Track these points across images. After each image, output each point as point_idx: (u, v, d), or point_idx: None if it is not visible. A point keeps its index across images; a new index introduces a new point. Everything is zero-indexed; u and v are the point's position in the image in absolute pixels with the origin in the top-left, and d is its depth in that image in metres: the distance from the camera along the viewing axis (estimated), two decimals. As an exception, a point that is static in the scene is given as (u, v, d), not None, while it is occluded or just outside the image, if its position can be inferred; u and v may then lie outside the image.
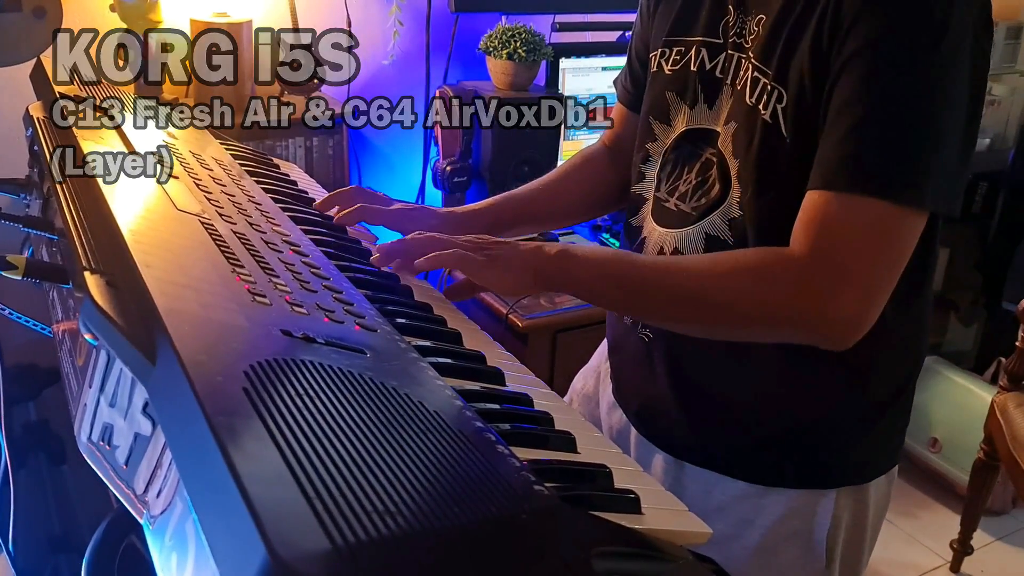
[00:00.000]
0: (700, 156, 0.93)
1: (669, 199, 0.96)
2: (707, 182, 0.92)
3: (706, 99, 0.93)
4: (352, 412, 0.59)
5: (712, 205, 0.91)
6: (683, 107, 0.96)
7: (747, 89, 0.87)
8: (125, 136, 1.09)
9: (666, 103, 0.98)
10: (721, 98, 0.92)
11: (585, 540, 0.57)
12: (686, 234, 0.93)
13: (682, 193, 0.95)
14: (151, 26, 1.74)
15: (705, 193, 0.92)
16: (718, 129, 0.91)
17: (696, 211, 0.92)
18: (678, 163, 0.96)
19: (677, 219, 0.95)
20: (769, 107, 0.84)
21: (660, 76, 0.99)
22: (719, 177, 0.91)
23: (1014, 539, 2.32)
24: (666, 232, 0.96)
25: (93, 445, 0.66)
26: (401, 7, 2.06)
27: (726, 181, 0.90)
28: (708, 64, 0.93)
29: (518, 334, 1.73)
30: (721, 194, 0.90)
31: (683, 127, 0.96)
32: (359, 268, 1.04)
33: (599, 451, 0.81)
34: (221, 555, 0.45)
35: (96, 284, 0.63)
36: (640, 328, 0.99)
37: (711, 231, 0.91)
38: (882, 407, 0.94)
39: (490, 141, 2.00)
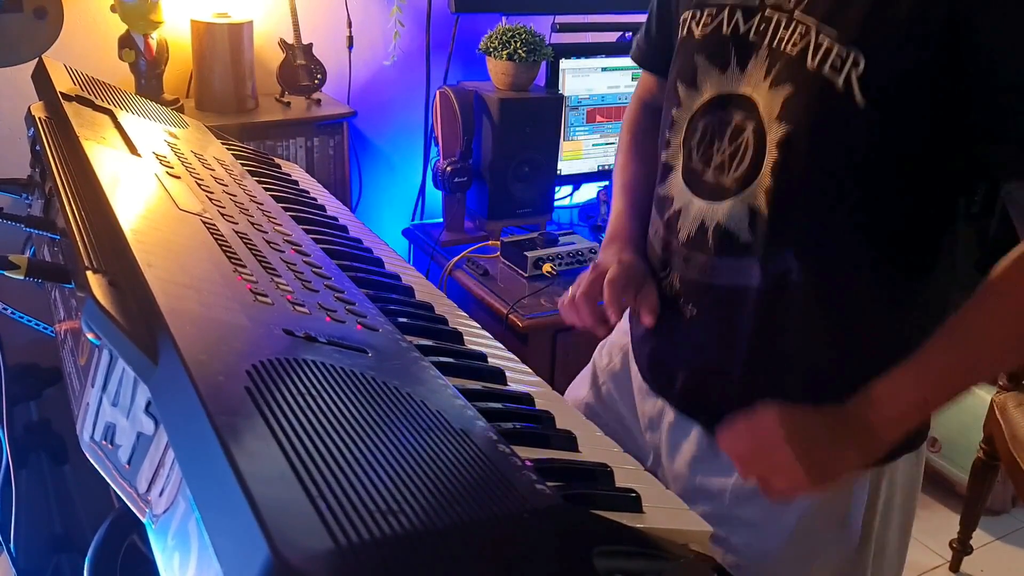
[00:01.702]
0: (731, 123, 0.90)
1: (706, 169, 0.93)
2: (740, 149, 0.89)
3: (739, 63, 0.89)
4: (354, 411, 0.59)
5: (751, 175, 0.88)
6: (713, 71, 0.92)
7: (808, 53, 0.83)
8: (127, 136, 1.09)
9: (694, 67, 0.94)
10: (755, 61, 0.88)
11: (586, 539, 0.57)
12: (728, 207, 0.90)
13: (719, 164, 0.91)
14: (152, 27, 1.74)
15: (740, 162, 0.89)
16: (750, 93, 0.88)
17: (736, 183, 0.89)
18: (708, 130, 0.93)
19: (717, 191, 0.91)
20: (842, 72, 0.80)
21: (690, 40, 0.95)
22: (753, 144, 0.88)
23: (1014, 539, 2.32)
24: (706, 205, 0.92)
25: (95, 444, 0.66)
26: (401, 8, 2.06)
27: (760, 148, 0.87)
28: (743, 27, 0.89)
29: (518, 334, 1.73)
30: (755, 162, 0.87)
31: (713, 92, 0.92)
32: (361, 267, 1.04)
33: (600, 450, 0.81)
34: (224, 554, 0.45)
35: (98, 284, 0.63)
36: (682, 302, 0.97)
37: (753, 203, 0.88)
38: None
39: (490, 141, 2.00)
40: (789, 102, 0.84)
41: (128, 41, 1.75)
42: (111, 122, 1.16)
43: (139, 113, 1.29)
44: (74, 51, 1.77)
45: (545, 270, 1.88)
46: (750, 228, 0.89)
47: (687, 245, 0.95)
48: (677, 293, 0.98)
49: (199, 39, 1.81)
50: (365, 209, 2.21)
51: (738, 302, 0.91)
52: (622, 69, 2.17)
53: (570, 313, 1.02)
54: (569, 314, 1.03)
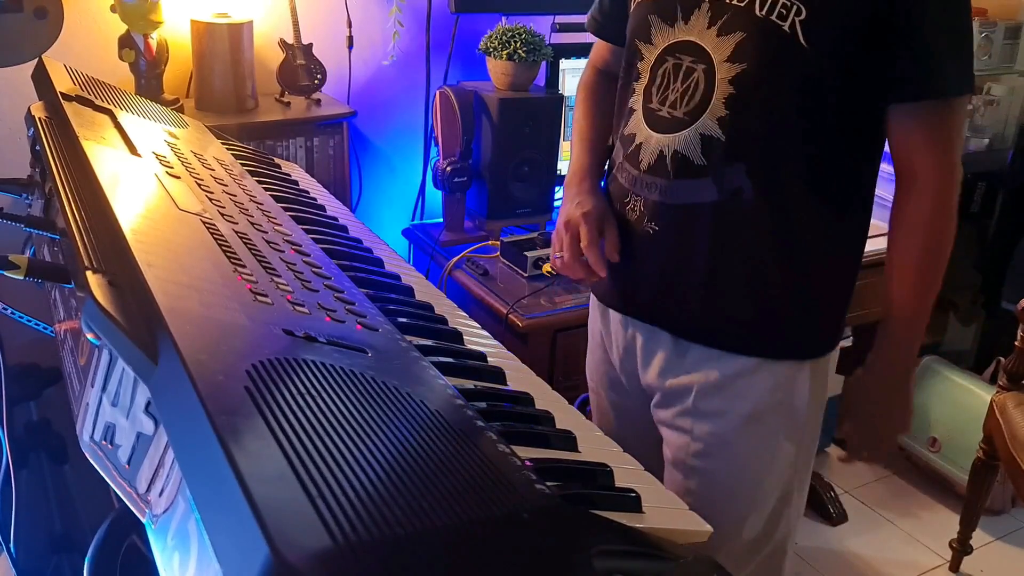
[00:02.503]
0: (681, 66, 1.06)
1: (662, 108, 1.08)
2: (691, 88, 1.05)
3: (683, 17, 1.06)
4: (354, 411, 0.59)
5: (700, 107, 1.04)
6: (663, 27, 1.08)
7: (755, 4, 0.99)
8: (126, 136, 1.09)
9: (648, 25, 1.10)
10: (697, 14, 1.04)
11: (586, 539, 0.57)
12: (683, 137, 1.05)
13: (672, 101, 1.07)
14: (152, 27, 1.74)
15: (691, 98, 1.05)
16: (697, 40, 1.04)
17: (688, 115, 1.05)
18: (664, 76, 1.08)
19: (672, 124, 1.07)
20: (788, 19, 0.98)
21: (643, 4, 1.12)
22: (703, 82, 1.04)
23: (1013, 539, 2.32)
24: (663, 137, 1.08)
25: (95, 444, 0.66)
26: (401, 8, 2.06)
27: (709, 85, 1.03)
28: None
29: (518, 334, 1.73)
30: (705, 97, 1.03)
31: (664, 43, 1.08)
32: (361, 267, 1.04)
33: (600, 450, 0.81)
34: (224, 554, 0.45)
35: (98, 284, 0.63)
36: (647, 222, 1.11)
37: (704, 131, 1.04)
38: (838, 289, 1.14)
39: (490, 141, 2.00)
40: (741, 45, 1.00)
41: (128, 41, 1.75)
42: (111, 122, 1.16)
43: (139, 113, 1.29)
44: (74, 51, 1.77)
45: (545, 270, 1.88)
46: (703, 153, 1.04)
47: (648, 172, 1.09)
48: (641, 215, 1.12)
49: (199, 39, 1.81)
50: (365, 209, 2.21)
51: (695, 218, 1.07)
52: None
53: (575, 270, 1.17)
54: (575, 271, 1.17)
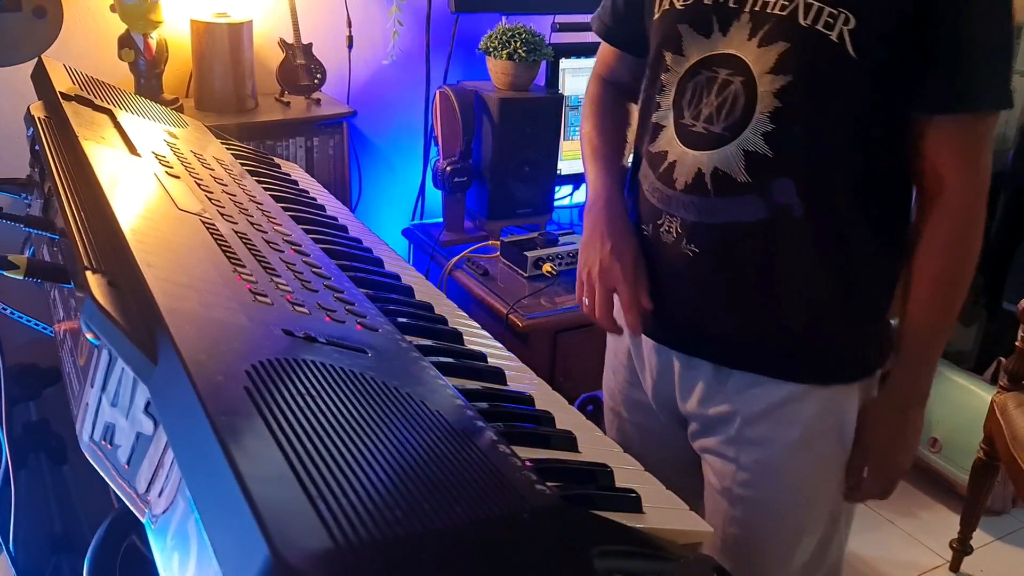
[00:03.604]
0: (716, 79, 1.01)
1: (696, 123, 1.02)
2: (728, 102, 1.00)
3: (721, 28, 1.00)
4: (354, 412, 0.59)
5: (742, 122, 0.98)
6: (697, 38, 1.02)
7: (798, 13, 0.95)
8: (126, 135, 1.09)
9: (678, 35, 1.03)
10: (737, 25, 0.99)
11: (586, 539, 0.57)
12: (724, 153, 0.99)
13: (708, 115, 1.01)
14: (151, 26, 1.74)
15: (730, 112, 0.99)
16: (736, 52, 0.99)
17: (728, 130, 0.99)
18: (696, 89, 1.02)
19: (710, 141, 1.01)
20: (835, 29, 0.93)
21: (672, 11, 1.05)
22: (743, 95, 0.98)
23: (1014, 539, 2.31)
24: (701, 154, 1.02)
25: (95, 444, 0.66)
26: (401, 7, 2.06)
27: (750, 98, 0.98)
28: None
29: (518, 334, 1.73)
30: (746, 111, 0.98)
31: (698, 56, 1.02)
32: (360, 267, 1.04)
33: (600, 450, 0.81)
34: (223, 554, 0.45)
35: (97, 284, 0.63)
36: (685, 244, 1.05)
37: (748, 147, 0.98)
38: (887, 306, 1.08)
39: (490, 141, 2.00)
40: (785, 56, 0.96)
41: (128, 41, 1.74)
42: (110, 122, 1.16)
43: (138, 113, 1.29)
44: (73, 51, 1.77)
45: (545, 270, 1.88)
46: (747, 169, 0.99)
47: (685, 191, 1.03)
48: (678, 237, 1.06)
49: (199, 39, 1.81)
50: (365, 209, 2.21)
51: (738, 237, 1.01)
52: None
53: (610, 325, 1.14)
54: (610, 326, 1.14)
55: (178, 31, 1.86)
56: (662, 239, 1.08)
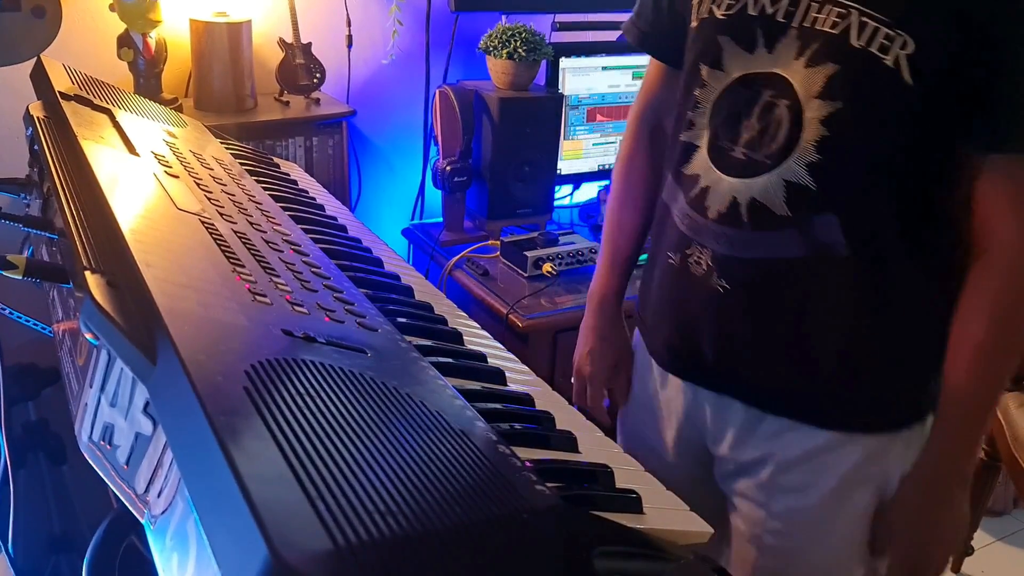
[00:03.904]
0: (758, 100, 0.91)
1: (734, 147, 0.94)
2: (771, 126, 0.91)
3: (766, 44, 0.91)
4: (353, 412, 0.59)
5: (785, 150, 0.89)
6: (739, 52, 0.93)
7: (851, 32, 0.85)
8: (125, 135, 1.09)
9: (719, 48, 0.94)
10: (785, 42, 0.89)
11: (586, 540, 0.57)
12: (762, 183, 0.91)
13: (748, 140, 0.92)
14: (151, 25, 1.74)
15: (773, 138, 0.90)
16: (782, 72, 0.90)
17: (770, 158, 0.91)
18: (734, 109, 0.94)
19: (749, 168, 0.92)
20: (891, 52, 0.84)
21: (711, 20, 0.96)
22: (787, 120, 0.89)
23: (1015, 539, 2.31)
24: (737, 182, 0.93)
25: (94, 445, 0.66)
26: (400, 6, 2.06)
27: (795, 124, 0.89)
28: (770, 8, 0.91)
29: (518, 334, 1.73)
30: (790, 138, 0.89)
31: (739, 72, 0.93)
32: (360, 267, 1.04)
33: (601, 451, 0.81)
34: (222, 555, 0.45)
35: (96, 284, 0.63)
36: (716, 278, 0.97)
37: (789, 177, 0.90)
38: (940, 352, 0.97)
39: (490, 140, 2.00)
40: (834, 79, 0.86)
41: (127, 40, 1.74)
42: (109, 121, 1.15)
43: (138, 112, 1.29)
44: (72, 50, 1.76)
45: (545, 270, 1.88)
46: (786, 202, 0.90)
47: (717, 221, 0.95)
48: (708, 270, 0.98)
49: (198, 38, 1.81)
50: (364, 209, 2.21)
51: (775, 275, 0.93)
52: (623, 68, 2.16)
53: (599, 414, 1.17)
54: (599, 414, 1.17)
55: (177, 30, 1.86)
56: (691, 270, 1.00)
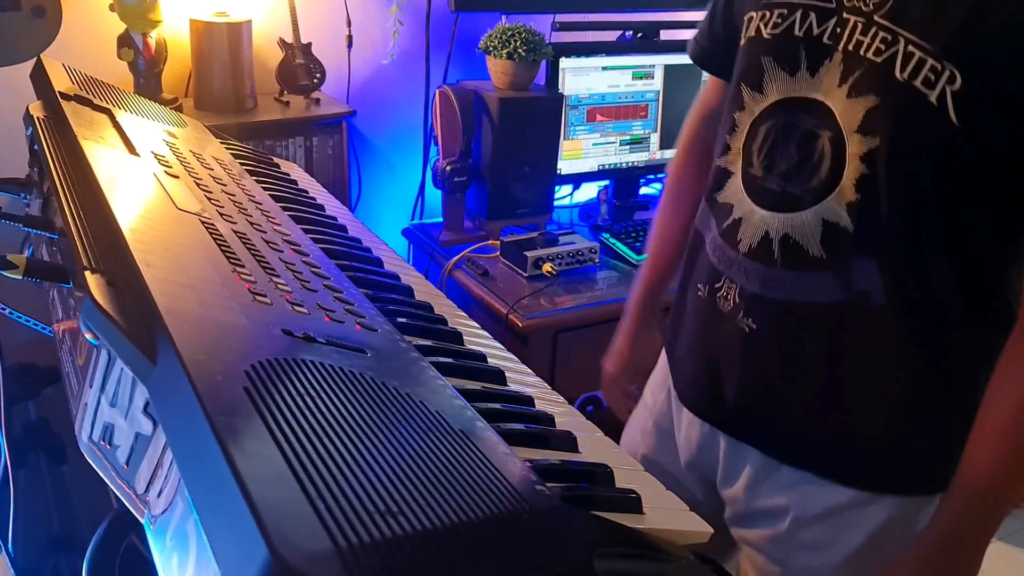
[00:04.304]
0: (798, 129, 0.85)
1: (768, 176, 0.88)
2: (812, 159, 0.84)
3: (809, 67, 0.84)
4: (353, 412, 0.58)
5: (827, 187, 0.83)
6: (781, 74, 0.87)
7: (896, 62, 0.77)
8: (125, 135, 1.09)
9: (761, 69, 0.89)
10: (828, 66, 0.83)
11: (586, 540, 0.57)
12: (799, 220, 0.85)
13: (784, 172, 0.86)
14: (151, 25, 1.74)
15: (814, 172, 0.83)
16: (824, 99, 0.83)
17: (808, 194, 0.84)
18: (770, 135, 0.88)
19: (785, 202, 0.86)
20: (936, 87, 0.75)
21: (757, 40, 0.90)
22: (830, 153, 0.82)
23: (1015, 539, 2.31)
24: (770, 216, 0.87)
25: (94, 445, 0.66)
26: (401, 7, 2.06)
27: (839, 159, 0.82)
28: (816, 29, 0.84)
29: (518, 334, 1.73)
30: (832, 174, 0.82)
31: (777, 96, 0.88)
32: (360, 267, 1.04)
33: (601, 451, 0.81)
34: (222, 555, 0.45)
35: (96, 283, 0.63)
36: (742, 316, 0.91)
37: (828, 216, 0.83)
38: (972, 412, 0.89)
39: (490, 140, 2.00)
40: (873, 114, 0.79)
41: (127, 40, 1.74)
42: (109, 121, 1.15)
43: (138, 112, 1.29)
44: (72, 50, 1.76)
45: (545, 270, 1.88)
46: (822, 242, 0.84)
47: (748, 256, 0.90)
48: (735, 307, 0.92)
49: (198, 38, 1.81)
50: (364, 209, 2.21)
51: (806, 319, 0.87)
52: (622, 68, 2.16)
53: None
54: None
55: (177, 30, 1.86)
56: (718, 305, 0.95)
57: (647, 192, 2.44)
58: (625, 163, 2.24)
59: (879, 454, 0.90)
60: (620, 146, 2.22)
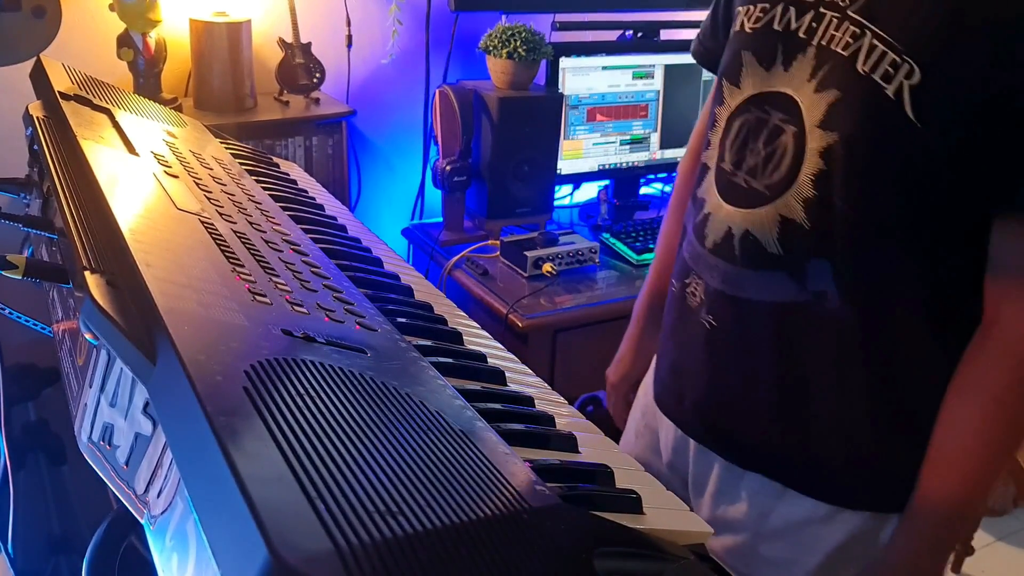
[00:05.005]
0: (768, 124, 0.84)
1: (737, 172, 0.87)
2: (775, 154, 0.83)
3: (784, 61, 0.83)
4: (353, 412, 0.58)
5: (785, 182, 0.81)
6: (757, 69, 0.86)
7: (859, 56, 0.76)
8: (125, 135, 1.09)
9: (740, 63, 0.88)
10: (801, 60, 0.81)
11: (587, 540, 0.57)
12: (759, 216, 0.83)
13: (751, 167, 0.85)
14: (150, 25, 1.74)
15: (775, 167, 0.82)
16: (793, 94, 0.82)
17: (769, 189, 0.83)
18: (742, 130, 0.87)
19: (748, 197, 0.85)
20: (894, 81, 0.74)
21: (740, 35, 0.89)
22: (792, 148, 0.81)
23: (1015, 539, 2.32)
24: (735, 211, 0.86)
25: (93, 445, 0.66)
26: (400, 6, 2.06)
27: (799, 154, 0.80)
28: (794, 23, 0.83)
29: (518, 334, 1.73)
30: (792, 169, 0.81)
31: (752, 91, 0.86)
32: (359, 267, 1.03)
33: (601, 451, 0.81)
34: (222, 555, 0.45)
35: (96, 284, 0.63)
36: (703, 313, 0.90)
37: (785, 213, 0.82)
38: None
39: (490, 140, 2.00)
40: (835, 108, 0.78)
41: (126, 40, 1.74)
42: (109, 121, 1.15)
43: (137, 112, 1.29)
44: (72, 50, 1.76)
45: (545, 270, 1.88)
46: (780, 240, 0.82)
47: (712, 252, 0.89)
48: (700, 303, 0.92)
49: (198, 38, 1.81)
50: (364, 208, 2.21)
51: (762, 318, 0.86)
52: (623, 68, 2.16)
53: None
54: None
55: (177, 30, 1.86)
56: (687, 300, 0.94)
57: (647, 192, 2.44)
58: (625, 163, 2.24)
59: (839, 466, 0.87)
60: (620, 146, 2.22)
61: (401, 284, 1.06)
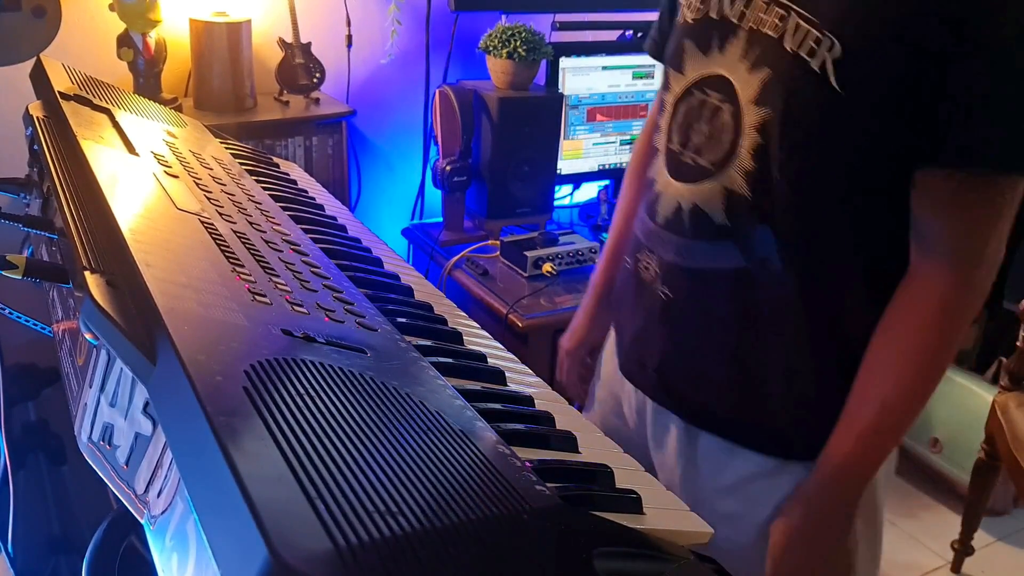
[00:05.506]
0: (708, 104, 0.90)
1: (684, 151, 0.93)
2: (717, 131, 0.89)
3: (719, 45, 0.90)
4: (353, 412, 0.58)
5: (727, 157, 0.88)
6: (697, 54, 0.93)
7: (786, 35, 0.83)
8: (125, 135, 1.09)
9: (682, 51, 0.95)
10: (734, 42, 0.88)
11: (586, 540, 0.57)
12: (705, 189, 0.90)
13: (696, 145, 0.92)
14: (150, 25, 1.74)
15: (718, 143, 0.89)
16: (728, 75, 0.88)
17: (713, 165, 0.89)
18: (688, 113, 0.93)
19: (694, 173, 0.92)
20: (818, 56, 0.80)
21: (683, 26, 0.96)
22: (731, 125, 0.88)
23: (1015, 539, 2.31)
24: (683, 187, 0.93)
25: (93, 445, 0.66)
26: (400, 6, 2.06)
27: (737, 130, 0.87)
28: (728, 10, 0.90)
29: (518, 334, 1.72)
30: (732, 144, 0.87)
31: (695, 75, 0.93)
32: (359, 267, 1.03)
33: (601, 451, 0.81)
34: (222, 555, 0.45)
35: (96, 283, 0.63)
36: (659, 284, 0.97)
37: (729, 185, 0.88)
38: None
39: (490, 140, 2.00)
40: (768, 86, 0.84)
41: (126, 40, 1.74)
42: (109, 121, 1.15)
43: (137, 112, 1.29)
44: (72, 50, 1.76)
45: (545, 270, 1.88)
46: (725, 211, 0.89)
47: (663, 227, 0.96)
48: (654, 276, 0.98)
49: (198, 38, 1.81)
50: (364, 208, 2.21)
51: (714, 286, 0.92)
52: (623, 68, 2.16)
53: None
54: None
55: (177, 30, 1.86)
56: (640, 275, 1.01)
57: (647, 192, 2.44)
58: (625, 163, 2.24)
59: (785, 422, 0.94)
60: (620, 146, 2.22)
61: (401, 284, 1.06)
